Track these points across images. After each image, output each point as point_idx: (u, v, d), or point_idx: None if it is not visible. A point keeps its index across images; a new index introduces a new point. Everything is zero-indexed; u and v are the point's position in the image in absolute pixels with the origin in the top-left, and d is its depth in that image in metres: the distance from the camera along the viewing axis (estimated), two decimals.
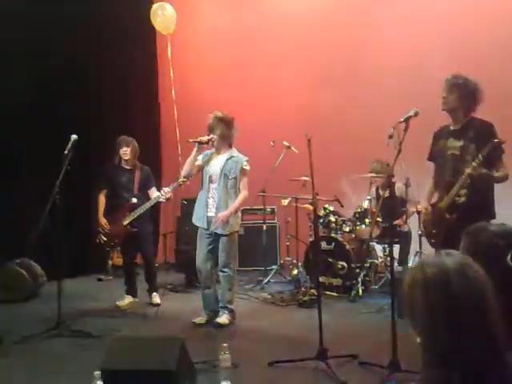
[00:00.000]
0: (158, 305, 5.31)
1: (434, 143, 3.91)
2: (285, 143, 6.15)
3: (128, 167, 5.43)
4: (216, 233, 4.57)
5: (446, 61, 6.09)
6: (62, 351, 4.02)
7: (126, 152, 5.33)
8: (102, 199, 5.43)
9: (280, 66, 7.43)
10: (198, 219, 4.67)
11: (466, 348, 1.32)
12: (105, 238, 5.29)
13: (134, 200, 5.29)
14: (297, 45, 7.34)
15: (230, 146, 4.66)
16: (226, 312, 4.60)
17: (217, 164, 4.61)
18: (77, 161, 4.58)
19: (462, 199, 3.59)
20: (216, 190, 4.57)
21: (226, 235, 4.56)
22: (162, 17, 7.10)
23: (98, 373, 2.87)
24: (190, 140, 4.54)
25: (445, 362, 1.34)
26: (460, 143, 3.65)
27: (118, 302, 5.33)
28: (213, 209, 4.58)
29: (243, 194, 4.63)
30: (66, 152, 4.50)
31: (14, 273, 5.71)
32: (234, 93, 7.69)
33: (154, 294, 5.47)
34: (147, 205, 5.22)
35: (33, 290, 5.78)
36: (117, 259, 6.70)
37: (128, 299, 5.40)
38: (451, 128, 3.77)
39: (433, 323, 1.35)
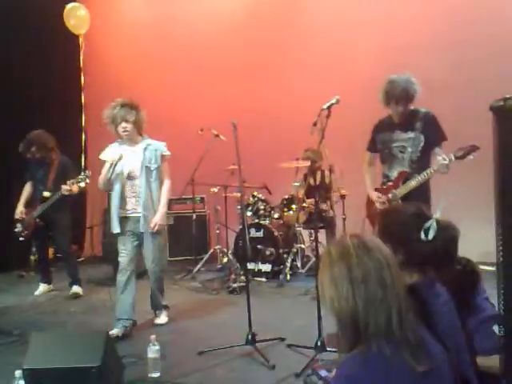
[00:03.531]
0: (77, 296, 5.41)
1: (376, 134, 4.04)
2: (213, 131, 6.12)
3: (46, 160, 5.40)
4: (142, 232, 4.13)
5: (370, 50, 6.31)
6: None
7: (33, 151, 5.32)
8: (25, 189, 5.52)
9: (207, 54, 7.36)
10: (117, 225, 4.11)
11: (369, 318, 1.39)
12: (20, 228, 5.39)
13: (46, 193, 5.29)
14: (221, 31, 7.29)
15: (142, 134, 4.21)
16: (162, 309, 4.40)
17: (134, 158, 4.12)
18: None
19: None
20: (138, 186, 4.10)
21: (155, 233, 4.15)
22: (76, 18, 7.19)
23: (19, 372, 2.77)
24: (110, 162, 4.02)
25: (356, 337, 1.41)
26: (409, 135, 3.81)
27: (35, 292, 5.52)
28: (138, 208, 4.10)
29: (168, 184, 4.24)
30: None
31: None
32: (160, 81, 7.55)
33: (75, 286, 5.50)
34: (52, 199, 5.23)
35: None
36: None
37: (42, 287, 5.59)
38: (396, 121, 3.89)
39: (337, 296, 1.43)
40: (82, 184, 5.00)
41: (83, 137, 6.79)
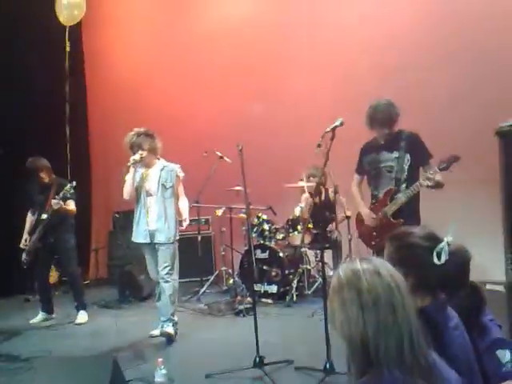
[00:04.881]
0: (80, 324, 5.29)
1: (363, 157, 4.15)
2: (217, 153, 6.16)
3: (46, 185, 5.41)
4: (157, 243, 4.52)
5: (376, 69, 6.36)
6: None
7: (43, 176, 5.37)
8: (28, 217, 5.53)
9: (211, 75, 7.46)
10: (138, 236, 4.60)
11: (379, 343, 1.38)
12: (25, 256, 5.32)
13: (44, 216, 5.27)
14: (227, 54, 7.38)
15: (158, 158, 4.67)
16: (170, 324, 4.50)
17: (152, 177, 4.59)
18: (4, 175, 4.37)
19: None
20: (155, 202, 4.54)
21: (168, 243, 4.51)
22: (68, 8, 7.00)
23: None
24: (129, 164, 4.44)
25: (366, 362, 1.40)
26: (394, 155, 3.92)
27: (31, 321, 5.35)
28: (153, 222, 4.52)
29: (185, 200, 4.73)
30: None
31: None
32: (165, 103, 7.64)
33: (81, 312, 5.42)
34: (44, 219, 5.24)
35: None
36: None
37: (40, 315, 5.44)
38: (381, 142, 4.01)
39: (347, 320, 1.42)
40: (69, 195, 5.13)
41: (68, 146, 6.82)
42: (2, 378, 3.78)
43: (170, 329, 4.47)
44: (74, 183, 5.18)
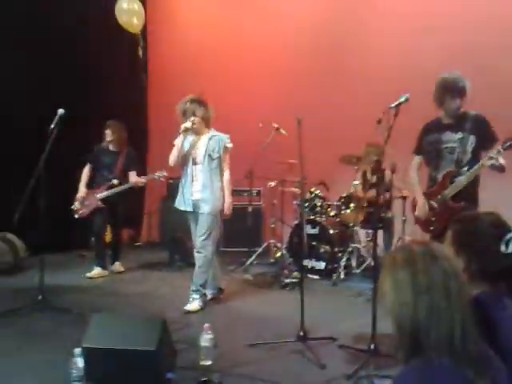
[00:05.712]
0: (120, 272, 5.91)
1: (425, 136, 3.95)
2: (274, 125, 6.09)
3: (113, 149, 5.81)
4: (198, 212, 4.51)
5: (436, 48, 6.08)
6: (42, 327, 4.00)
7: (107, 133, 5.78)
8: (85, 171, 5.87)
9: (272, 49, 7.36)
10: (182, 203, 4.56)
11: (431, 328, 1.33)
12: (78, 206, 5.72)
13: (115, 181, 5.69)
14: (288, 27, 7.26)
15: (209, 127, 4.60)
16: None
17: (200, 146, 4.54)
18: (63, 135, 4.50)
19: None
20: (201, 171, 4.49)
21: (209, 214, 4.47)
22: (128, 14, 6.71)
23: (78, 349, 2.86)
24: (180, 131, 4.42)
25: (414, 347, 1.35)
26: (458, 136, 3.73)
27: (87, 274, 5.66)
28: (197, 192, 4.49)
29: (228, 174, 4.60)
30: (52, 126, 4.44)
31: None
32: (224, 74, 7.61)
33: (117, 263, 5.97)
34: (122, 187, 5.67)
35: (14, 264, 5.74)
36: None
37: (96, 270, 5.74)
38: (445, 122, 3.82)
39: (399, 302, 1.38)
40: (157, 178, 5.65)
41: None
42: (51, 327, 3.97)
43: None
44: (165, 173, 5.53)
